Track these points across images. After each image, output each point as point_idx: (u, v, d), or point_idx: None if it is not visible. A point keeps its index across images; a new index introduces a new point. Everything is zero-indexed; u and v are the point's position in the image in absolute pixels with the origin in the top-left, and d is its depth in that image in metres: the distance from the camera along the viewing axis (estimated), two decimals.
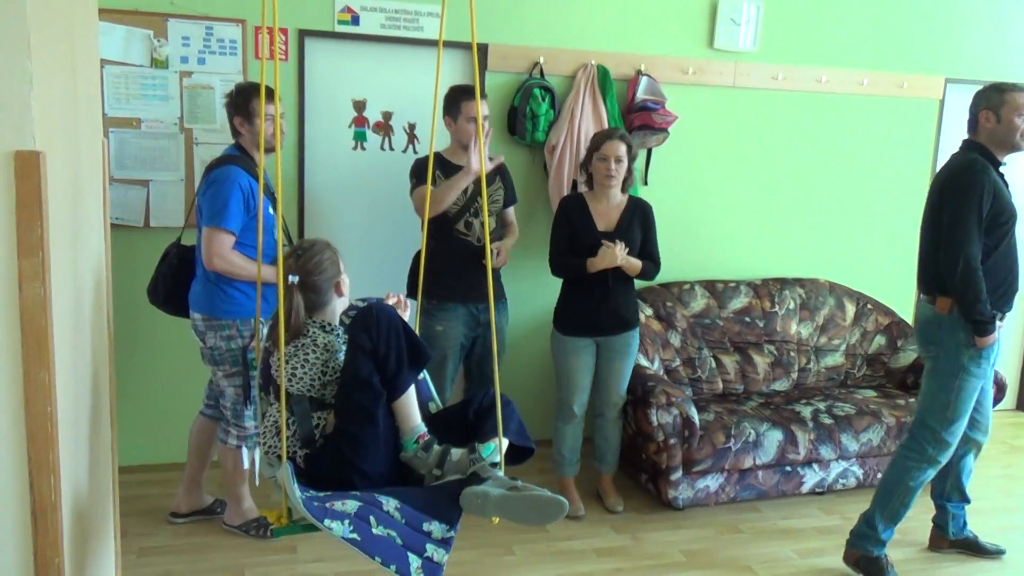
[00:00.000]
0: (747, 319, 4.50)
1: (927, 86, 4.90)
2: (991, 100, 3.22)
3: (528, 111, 4.08)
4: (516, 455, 2.49)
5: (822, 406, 4.12)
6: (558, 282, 4.44)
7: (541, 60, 4.17)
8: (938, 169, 3.41)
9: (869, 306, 4.75)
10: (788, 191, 4.79)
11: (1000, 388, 4.24)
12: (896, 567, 3.38)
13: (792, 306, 4.60)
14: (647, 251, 3.71)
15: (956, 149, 3.38)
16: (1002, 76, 5.03)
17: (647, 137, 4.27)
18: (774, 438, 3.84)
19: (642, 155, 4.42)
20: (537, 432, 4.52)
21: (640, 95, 4.22)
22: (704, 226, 4.67)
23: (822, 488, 4.04)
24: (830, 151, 4.82)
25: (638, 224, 3.67)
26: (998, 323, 3.17)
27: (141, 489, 3.81)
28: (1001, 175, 3.20)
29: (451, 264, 3.57)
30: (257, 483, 3.37)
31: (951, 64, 4.94)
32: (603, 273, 3.57)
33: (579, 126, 4.10)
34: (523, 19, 4.18)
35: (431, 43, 3.95)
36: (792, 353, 4.54)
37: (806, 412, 4.03)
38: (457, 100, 3.58)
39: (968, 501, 3.61)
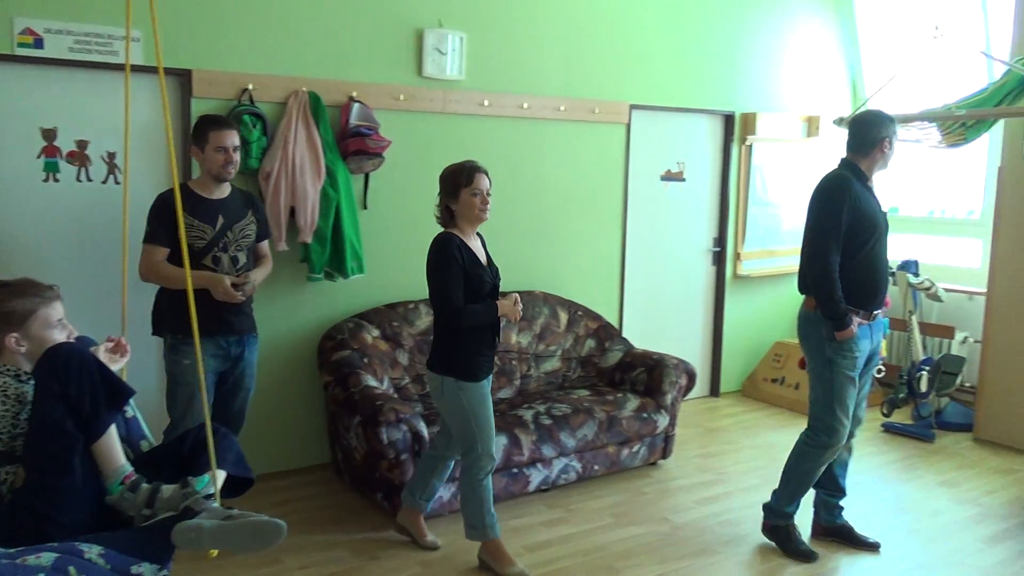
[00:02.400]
0: None
1: (616, 111, 5.44)
2: (891, 131, 3.58)
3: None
4: (237, 487, 2.45)
5: (542, 408, 4.42)
6: (309, 310, 4.46)
7: (250, 86, 4.13)
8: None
9: (579, 312, 5.17)
10: (501, 210, 5.07)
11: (691, 377, 4.80)
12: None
13: None
14: None
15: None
16: (677, 103, 5.72)
17: (363, 162, 4.36)
18: (499, 443, 4.05)
19: (360, 180, 4.51)
20: (289, 461, 4.47)
21: (353, 121, 4.30)
22: (424, 247, 4.79)
23: (547, 485, 4.33)
24: (537, 171, 5.20)
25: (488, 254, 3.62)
26: (858, 319, 3.53)
27: None
28: (869, 188, 3.58)
29: (199, 299, 3.33)
30: None
31: (635, 92, 5.53)
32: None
33: (293, 152, 4.10)
34: (229, 44, 4.12)
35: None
36: (514, 362, 4.82)
37: (528, 415, 4.31)
38: (205, 129, 3.44)
39: (843, 492, 3.87)
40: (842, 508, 3.91)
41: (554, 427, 4.27)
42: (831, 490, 3.87)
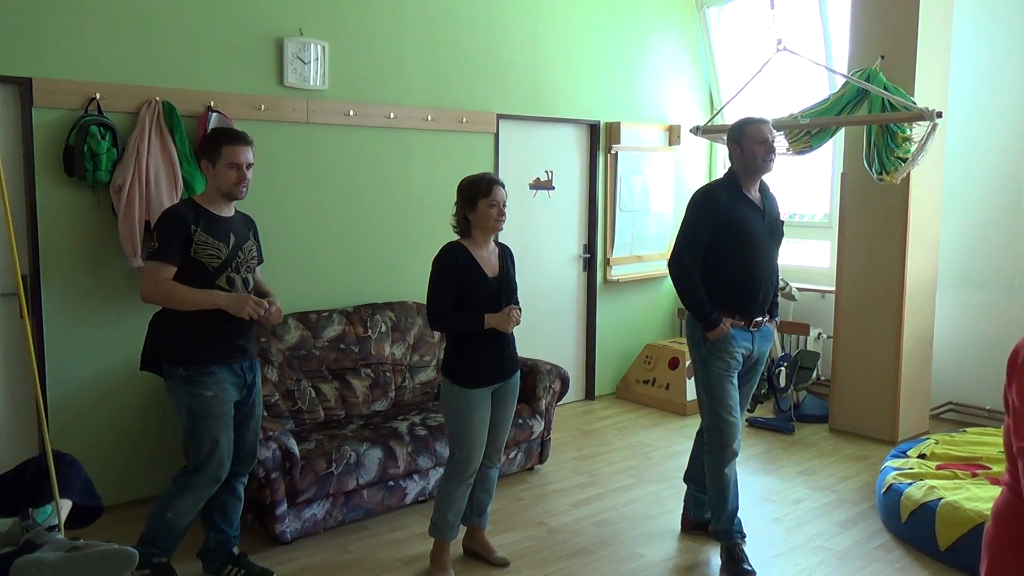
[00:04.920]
0: (342, 346, 4.64)
1: (483, 121, 5.48)
2: (734, 134, 3.61)
3: (86, 150, 3.81)
4: (85, 517, 2.32)
5: (417, 419, 4.39)
6: (141, 328, 4.22)
7: (97, 96, 3.93)
8: None
9: None
10: (369, 220, 5.04)
11: (564, 382, 4.87)
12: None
13: (384, 329, 4.83)
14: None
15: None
16: (543, 112, 5.81)
17: None
18: (374, 456, 4.00)
19: None
20: (157, 486, 4.25)
21: None
22: (292, 259, 4.72)
23: (424, 496, 4.29)
24: (404, 181, 5.17)
25: (511, 267, 3.60)
26: (731, 320, 3.56)
27: None
28: (745, 196, 3.59)
29: (214, 324, 3.17)
30: None
31: (502, 102, 5.59)
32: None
33: (147, 164, 3.93)
34: (74, 52, 3.91)
35: None
36: (388, 374, 4.77)
37: (403, 427, 4.27)
38: (218, 144, 3.17)
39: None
40: None
41: (429, 437, 4.24)
42: (702, 486, 3.95)
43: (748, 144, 3.57)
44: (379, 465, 4.02)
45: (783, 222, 3.78)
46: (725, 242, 3.55)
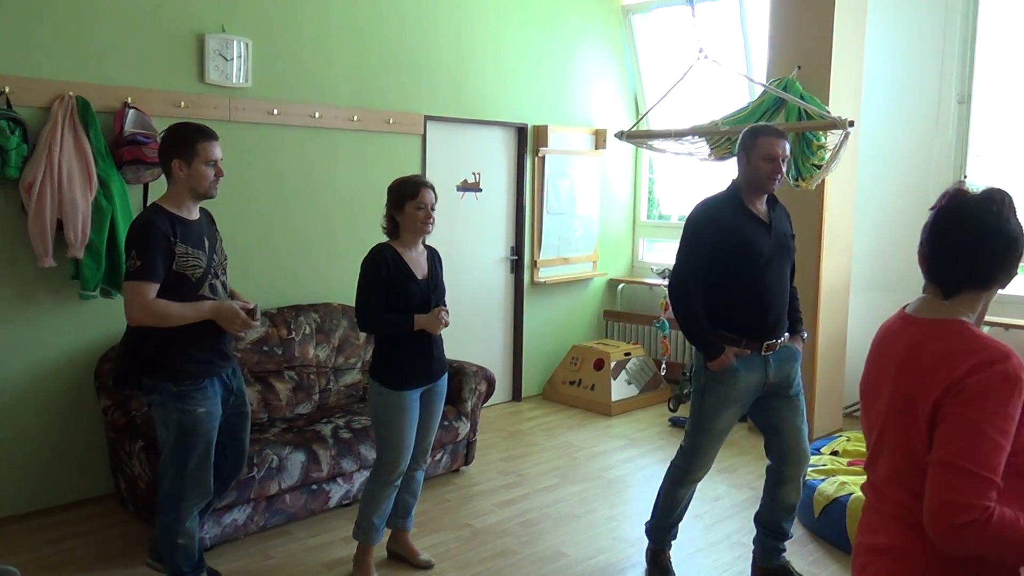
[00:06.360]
0: (265, 348, 4.56)
1: (410, 122, 5.46)
2: (745, 142, 3.27)
3: None
4: None
5: (342, 422, 4.35)
6: (84, 331, 4.19)
7: (7, 89, 3.79)
8: None
9: None
10: (293, 221, 4.97)
11: (490, 383, 4.89)
12: None
13: (308, 331, 4.77)
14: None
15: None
16: (471, 114, 5.82)
17: (140, 172, 4.11)
18: (297, 460, 3.95)
19: (138, 190, 4.25)
20: (67, 494, 4.11)
21: (128, 128, 4.05)
22: None
23: (348, 500, 4.25)
24: (329, 182, 5.12)
25: (440, 269, 3.58)
26: (736, 349, 3.26)
27: None
28: (750, 211, 3.28)
29: (203, 334, 3.05)
30: None
31: (429, 103, 5.58)
32: None
33: (59, 161, 3.80)
34: None
35: None
36: (312, 376, 4.71)
37: (326, 430, 4.22)
38: (193, 141, 3.02)
39: (778, 535, 3.56)
40: (783, 550, 3.63)
41: (354, 440, 4.21)
42: (773, 532, 3.59)
43: (756, 158, 3.24)
44: (302, 469, 3.97)
45: (793, 236, 3.45)
46: (728, 262, 3.25)
